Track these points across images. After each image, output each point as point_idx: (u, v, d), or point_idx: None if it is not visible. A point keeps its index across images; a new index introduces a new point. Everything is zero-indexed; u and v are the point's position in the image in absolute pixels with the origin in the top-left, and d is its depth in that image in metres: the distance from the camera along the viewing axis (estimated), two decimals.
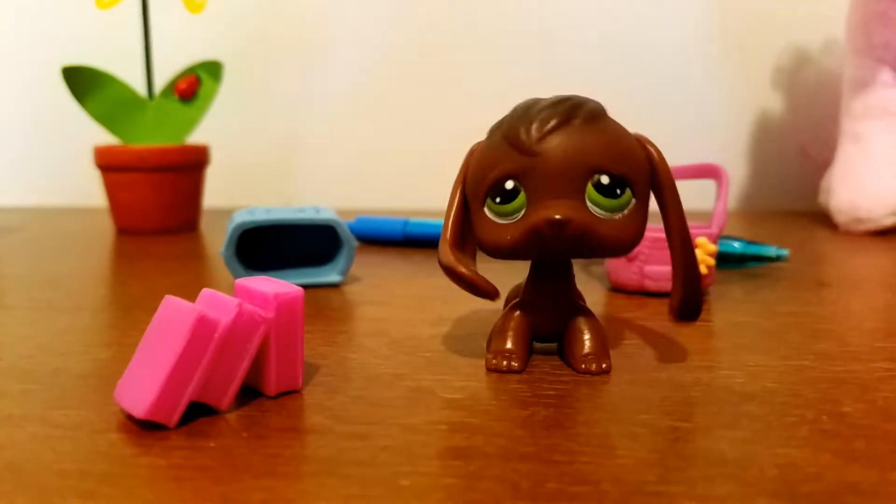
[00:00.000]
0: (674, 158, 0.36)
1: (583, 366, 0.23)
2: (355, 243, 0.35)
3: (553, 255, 0.23)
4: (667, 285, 0.32)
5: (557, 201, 0.21)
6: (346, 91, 0.69)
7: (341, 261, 0.35)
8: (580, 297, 0.25)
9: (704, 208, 0.42)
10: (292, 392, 0.21)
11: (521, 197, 0.21)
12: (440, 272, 0.23)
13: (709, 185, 0.36)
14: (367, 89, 0.69)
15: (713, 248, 0.32)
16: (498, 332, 0.24)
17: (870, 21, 0.53)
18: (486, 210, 0.22)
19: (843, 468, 0.17)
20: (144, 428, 0.18)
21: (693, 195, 0.49)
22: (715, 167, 0.35)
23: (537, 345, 0.25)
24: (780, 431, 0.19)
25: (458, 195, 0.23)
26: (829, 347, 0.26)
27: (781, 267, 0.39)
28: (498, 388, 0.22)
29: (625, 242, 0.22)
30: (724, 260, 0.37)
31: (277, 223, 0.34)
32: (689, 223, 0.32)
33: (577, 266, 0.40)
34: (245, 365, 0.19)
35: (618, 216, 0.21)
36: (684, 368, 0.23)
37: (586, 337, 0.23)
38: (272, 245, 0.37)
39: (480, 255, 0.24)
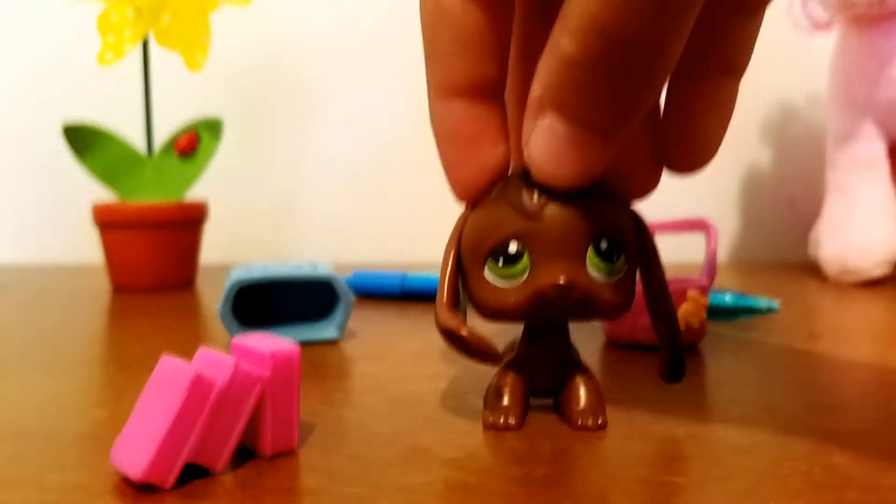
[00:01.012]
0: (663, 212, 0.37)
1: (580, 421, 0.23)
2: (352, 299, 0.36)
3: (555, 318, 0.23)
4: None
5: (561, 265, 0.21)
6: (344, 147, 0.70)
7: (338, 316, 0.35)
8: (575, 351, 0.25)
9: (694, 261, 0.43)
10: (288, 452, 0.21)
11: (525, 260, 0.21)
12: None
13: (698, 237, 0.37)
14: (364, 145, 0.70)
15: (704, 300, 0.32)
16: (494, 390, 0.24)
17: (850, 76, 0.55)
18: (486, 273, 0.22)
19: None
20: (140, 490, 0.18)
21: (683, 247, 0.49)
22: (703, 221, 0.36)
23: (533, 401, 0.25)
24: (773, 484, 0.19)
25: (452, 257, 0.23)
26: (821, 398, 0.26)
27: (773, 318, 0.39)
28: (495, 446, 0.22)
29: (621, 305, 0.22)
30: (716, 313, 0.37)
31: (274, 280, 0.35)
32: (680, 276, 0.33)
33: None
34: (241, 425, 0.20)
35: (614, 280, 0.22)
36: (678, 422, 0.24)
37: (582, 393, 0.23)
38: (269, 301, 0.37)
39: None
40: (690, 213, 0.39)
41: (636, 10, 0.16)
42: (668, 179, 0.23)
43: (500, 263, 0.21)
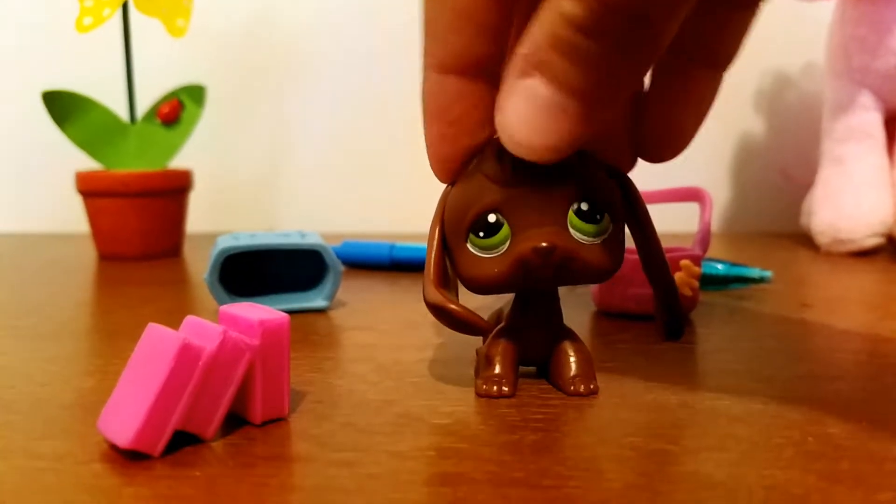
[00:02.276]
0: (657, 182, 0.36)
1: (571, 387, 0.23)
2: (341, 268, 0.35)
3: (541, 284, 0.23)
4: (651, 307, 0.32)
5: (541, 230, 0.21)
6: (331, 114, 0.69)
7: (327, 286, 0.35)
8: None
9: (688, 230, 0.43)
10: (278, 420, 0.21)
11: (505, 229, 0.21)
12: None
13: (692, 207, 0.37)
14: (352, 112, 0.69)
15: (697, 270, 0.32)
16: (485, 359, 0.24)
17: (848, 45, 0.54)
18: (468, 246, 0.22)
19: (829, 489, 0.17)
20: (129, 458, 0.18)
21: (676, 217, 0.49)
22: (698, 190, 0.35)
23: (522, 368, 0.25)
24: (767, 453, 0.19)
25: (437, 234, 0.23)
26: (814, 368, 0.26)
27: (765, 288, 0.39)
28: (486, 413, 0.22)
29: (609, 266, 0.22)
30: (708, 282, 0.37)
31: (262, 248, 0.34)
32: (674, 245, 0.33)
33: (563, 289, 0.40)
34: (230, 393, 0.19)
35: (600, 241, 0.22)
36: (670, 391, 0.23)
37: (573, 359, 0.24)
38: (257, 270, 0.37)
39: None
40: (683, 183, 0.38)
41: None
42: None
43: (481, 235, 0.21)
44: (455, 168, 0.22)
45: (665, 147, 0.22)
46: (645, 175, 0.23)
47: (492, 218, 0.21)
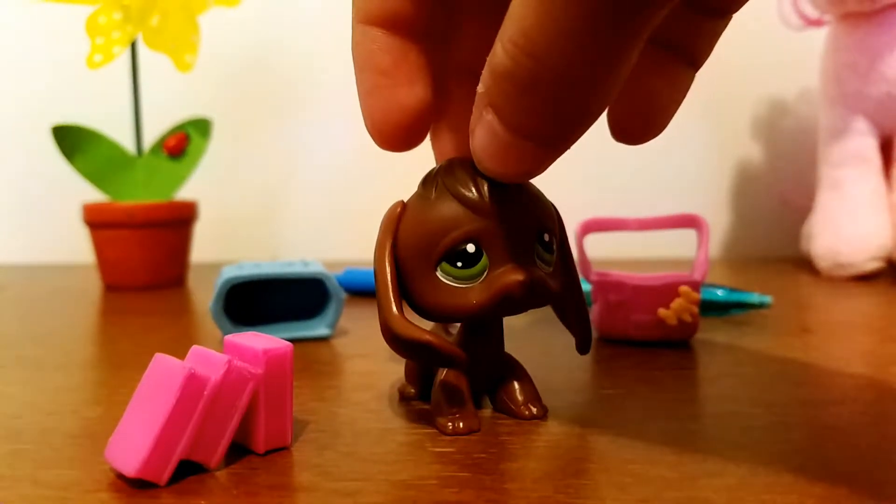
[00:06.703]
0: (656, 209, 0.37)
1: (526, 412, 0.24)
2: (344, 296, 0.36)
3: (509, 313, 0.23)
4: (652, 333, 0.33)
5: (518, 261, 0.21)
6: (333, 145, 0.70)
7: (330, 314, 0.35)
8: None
9: (686, 256, 0.43)
10: (281, 449, 0.21)
11: (484, 259, 0.21)
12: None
13: (690, 233, 0.37)
14: (353, 142, 0.70)
15: (696, 296, 0.32)
16: (449, 394, 0.23)
17: (841, 71, 0.55)
18: (439, 274, 0.21)
19: None
20: (135, 486, 0.18)
21: (675, 244, 0.49)
22: (694, 217, 0.36)
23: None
24: (766, 478, 0.19)
25: (389, 259, 0.22)
26: (814, 393, 0.26)
27: (765, 314, 0.39)
28: (487, 441, 0.22)
29: (561, 292, 0.23)
30: (708, 308, 0.38)
31: (265, 278, 0.35)
32: (673, 272, 0.33)
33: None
34: (234, 422, 0.20)
35: (551, 269, 0.23)
36: (670, 417, 0.24)
37: (518, 387, 0.24)
38: (261, 299, 0.37)
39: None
40: (682, 209, 0.39)
41: (567, 37, 0.15)
42: (658, 178, 0.23)
43: (459, 265, 0.21)
44: (392, 132, 0.22)
45: (644, 127, 0.22)
46: (642, 201, 0.24)
47: (471, 248, 0.21)
